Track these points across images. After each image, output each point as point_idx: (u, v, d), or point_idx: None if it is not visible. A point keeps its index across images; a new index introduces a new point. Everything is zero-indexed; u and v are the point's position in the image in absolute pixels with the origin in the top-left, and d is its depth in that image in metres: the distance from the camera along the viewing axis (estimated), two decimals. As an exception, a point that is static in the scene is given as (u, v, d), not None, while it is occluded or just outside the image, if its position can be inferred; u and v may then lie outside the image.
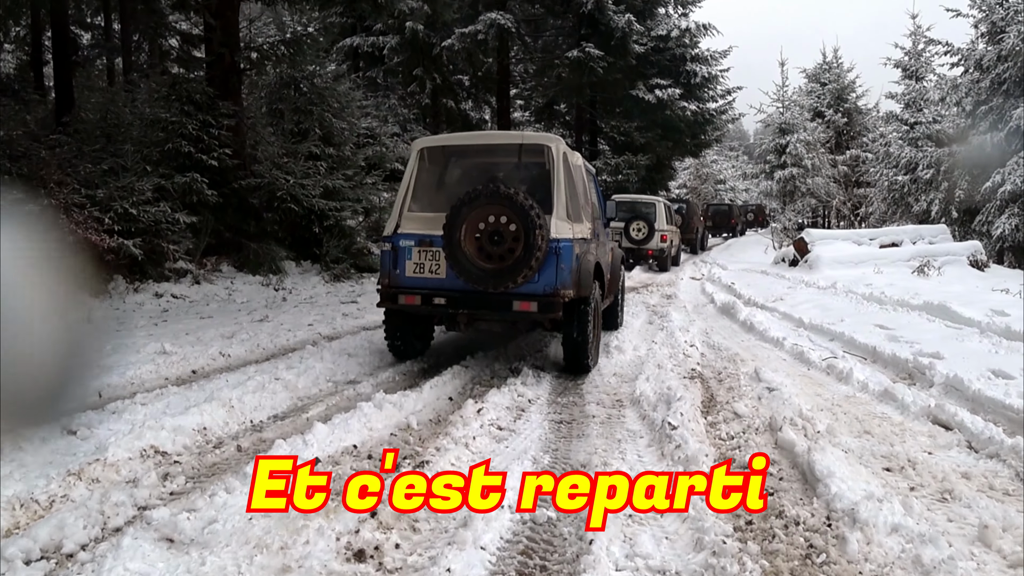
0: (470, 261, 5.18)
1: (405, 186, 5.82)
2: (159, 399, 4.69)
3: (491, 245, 5.17)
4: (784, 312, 9.29)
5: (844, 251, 15.36)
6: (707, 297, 11.64)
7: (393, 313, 5.97)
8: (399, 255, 5.58)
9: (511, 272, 5.10)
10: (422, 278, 5.53)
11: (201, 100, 11.33)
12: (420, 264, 5.52)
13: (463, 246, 5.18)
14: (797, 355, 6.42)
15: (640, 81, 22.52)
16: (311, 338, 7.08)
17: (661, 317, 8.94)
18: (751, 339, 7.60)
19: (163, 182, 10.28)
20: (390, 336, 6.15)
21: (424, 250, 5.50)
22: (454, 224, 5.17)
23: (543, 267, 5.19)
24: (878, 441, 3.96)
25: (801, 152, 27.90)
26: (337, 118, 14.75)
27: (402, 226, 5.64)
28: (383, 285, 5.68)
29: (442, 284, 5.46)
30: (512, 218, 5.10)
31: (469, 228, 5.19)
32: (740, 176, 46.66)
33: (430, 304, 5.49)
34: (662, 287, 13.13)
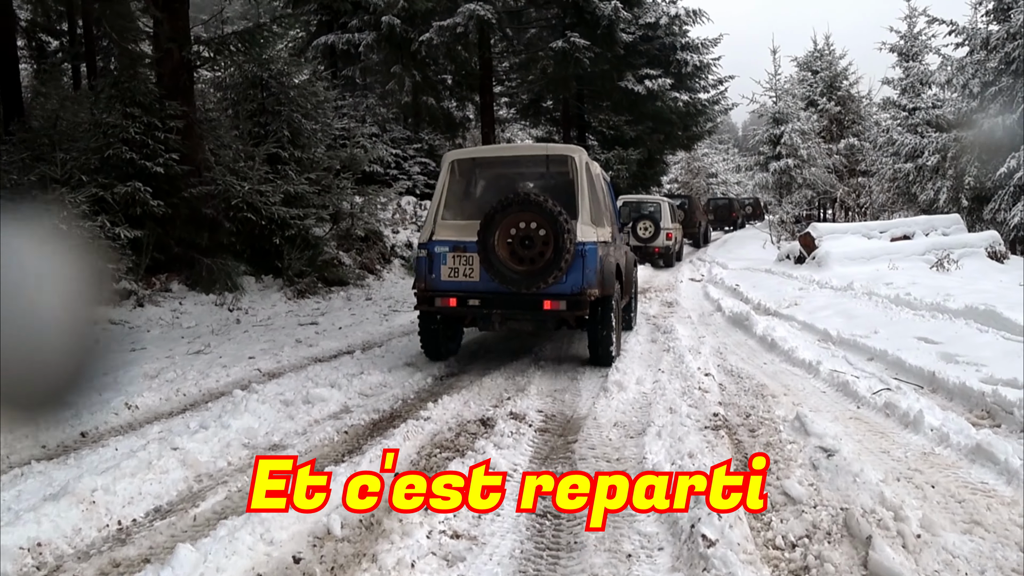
0: (503, 264, 5.44)
1: (438, 196, 6.08)
2: (12, 485, 3.44)
3: (522, 249, 5.45)
4: (804, 322, 8.05)
5: (854, 246, 14.14)
6: (712, 304, 10.40)
7: (427, 316, 6.19)
8: (434, 260, 5.85)
9: (542, 274, 5.38)
10: (457, 281, 5.79)
11: (146, 101, 10.04)
12: (454, 268, 5.79)
13: (496, 250, 5.44)
14: (839, 386, 5.17)
15: (629, 72, 21.29)
16: (246, 377, 5.79)
17: (665, 333, 7.68)
18: (775, 361, 6.35)
19: (101, 192, 9.01)
20: (424, 338, 6.35)
21: (458, 255, 5.78)
22: (488, 230, 5.43)
23: (570, 269, 5.46)
24: (999, 541, 2.72)
25: (796, 142, 26.71)
26: (308, 119, 13.47)
27: (436, 233, 5.90)
28: (419, 289, 5.96)
29: (476, 286, 5.72)
30: (542, 223, 5.38)
31: (502, 233, 5.44)
32: (732, 169, 45.45)
33: (465, 305, 5.76)
34: (661, 292, 11.88)
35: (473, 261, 5.70)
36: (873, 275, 11.68)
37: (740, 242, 23.77)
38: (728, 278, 13.36)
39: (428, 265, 5.89)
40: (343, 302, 10.75)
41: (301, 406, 4.83)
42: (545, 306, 5.57)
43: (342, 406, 4.98)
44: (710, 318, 9.15)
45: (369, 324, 8.58)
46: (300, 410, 4.77)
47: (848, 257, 13.64)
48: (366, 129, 20.61)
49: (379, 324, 8.52)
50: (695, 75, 22.42)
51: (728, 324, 8.55)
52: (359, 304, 10.61)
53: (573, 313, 5.63)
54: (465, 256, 5.75)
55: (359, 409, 4.90)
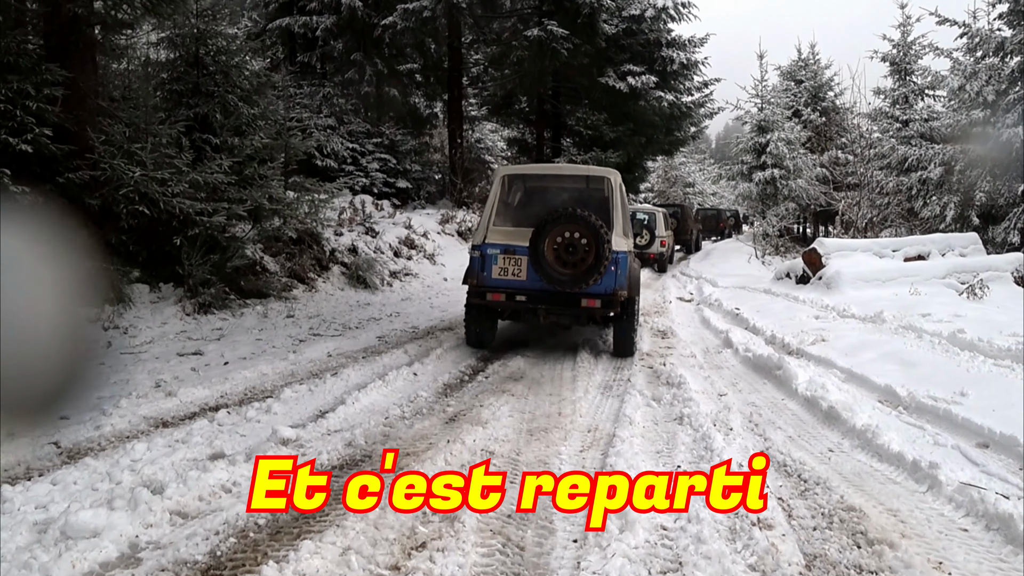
0: (551, 266, 6.13)
1: (490, 205, 6.70)
2: None
3: (567, 255, 6.14)
4: (847, 369, 5.94)
5: (867, 266, 12.12)
6: (716, 335, 8.26)
7: (474, 309, 6.72)
8: (486, 261, 6.49)
9: (584, 276, 6.09)
10: (506, 280, 6.43)
11: (20, 62, 7.72)
12: (504, 268, 6.43)
13: (545, 255, 6.14)
14: (987, 518, 3.00)
15: (610, 68, 19.16)
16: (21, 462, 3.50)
17: (671, 386, 5.46)
18: (845, 447, 4.16)
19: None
20: (469, 329, 6.86)
21: (508, 257, 6.43)
22: (540, 237, 6.13)
23: (607, 273, 6.19)
24: None
25: (783, 152, 24.80)
26: (247, 103, 11.12)
27: (488, 238, 6.53)
28: (471, 285, 6.55)
29: (523, 284, 6.37)
30: (584, 234, 6.09)
31: (551, 241, 6.14)
32: (710, 180, 43.65)
33: (513, 300, 6.41)
34: (650, 316, 9.68)
35: (521, 263, 6.35)
36: (897, 302, 9.65)
37: (723, 255, 21.77)
38: (724, 299, 11.25)
39: (480, 264, 6.49)
40: (256, 320, 8.42)
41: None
42: (583, 304, 6.22)
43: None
44: (719, 357, 6.98)
45: (269, 357, 6.27)
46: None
47: (861, 278, 11.60)
48: (322, 120, 18.33)
49: (283, 357, 6.23)
50: (681, 74, 20.38)
51: (747, 369, 6.38)
52: (274, 324, 8.29)
53: (606, 311, 6.25)
54: (514, 258, 6.39)
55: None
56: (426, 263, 13.40)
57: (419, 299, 10.88)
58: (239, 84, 11.23)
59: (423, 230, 14.46)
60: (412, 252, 13.38)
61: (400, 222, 14.51)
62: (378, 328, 8.03)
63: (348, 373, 5.58)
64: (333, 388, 5.20)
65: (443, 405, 4.85)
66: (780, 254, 23.91)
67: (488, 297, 6.45)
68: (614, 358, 6.64)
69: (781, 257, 23.60)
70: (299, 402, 4.84)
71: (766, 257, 22.31)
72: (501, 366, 6.13)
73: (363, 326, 8.24)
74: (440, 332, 7.72)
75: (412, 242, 13.60)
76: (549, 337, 7.75)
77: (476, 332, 6.89)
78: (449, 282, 12.79)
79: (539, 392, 5.26)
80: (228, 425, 4.32)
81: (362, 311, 9.40)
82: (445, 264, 13.78)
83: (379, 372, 5.73)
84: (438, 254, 13.94)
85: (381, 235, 13.07)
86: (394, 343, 7.16)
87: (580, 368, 6.05)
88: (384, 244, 12.91)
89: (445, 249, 14.43)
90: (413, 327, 8.21)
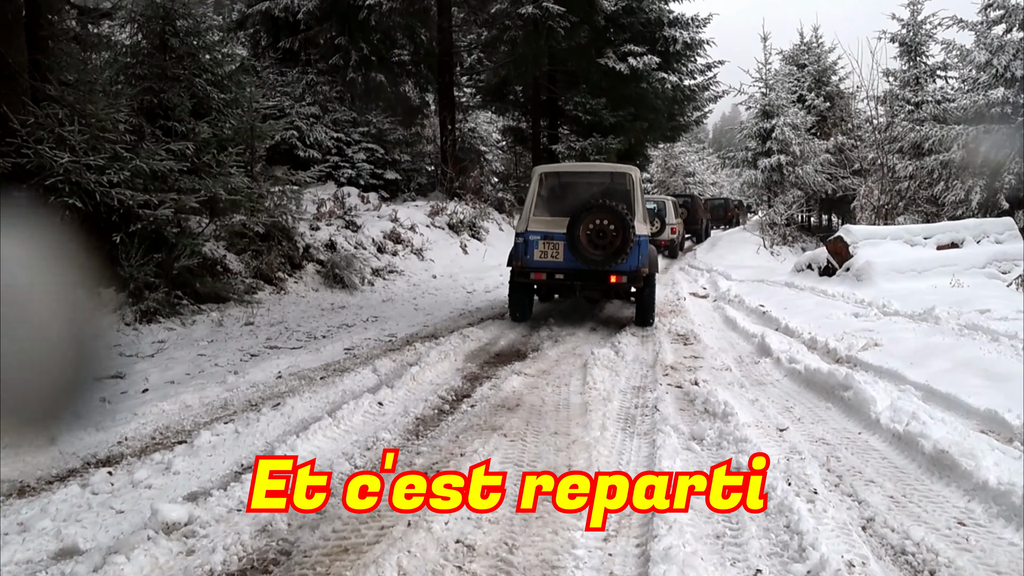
0: (585, 249, 6.95)
1: (530, 199, 7.52)
2: None
3: (598, 239, 6.96)
4: (923, 385, 4.64)
5: (898, 255, 10.82)
6: (746, 338, 6.97)
7: (516, 287, 7.57)
8: (528, 245, 7.31)
9: (613, 256, 6.91)
10: (545, 261, 7.27)
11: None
12: (544, 252, 7.27)
13: (580, 239, 6.95)
14: None
15: (609, 48, 17.82)
16: None
17: (710, 415, 4.14)
18: (978, 515, 2.86)
19: None
20: (512, 304, 7.72)
21: (547, 242, 7.26)
22: (575, 224, 6.96)
23: (631, 254, 6.95)
24: None
25: (789, 137, 23.45)
26: (217, 87, 9.80)
27: (530, 226, 7.36)
28: (516, 267, 7.36)
29: (560, 265, 7.21)
30: (612, 221, 6.92)
31: (584, 227, 6.96)
32: (709, 169, 42.38)
33: (552, 279, 7.26)
34: (665, 316, 8.37)
35: (559, 247, 7.20)
36: (942, 296, 8.38)
37: (730, 246, 20.43)
38: (744, 295, 9.95)
39: (524, 249, 7.32)
40: (208, 329, 7.10)
41: None
42: (611, 280, 7.09)
43: None
44: (758, 369, 5.67)
45: (203, 380, 4.96)
46: None
47: (895, 269, 10.32)
48: (304, 108, 16.99)
49: (221, 381, 4.93)
50: (684, 55, 19.02)
51: (798, 385, 5.07)
52: (228, 333, 6.97)
53: (630, 285, 7.20)
54: (552, 243, 7.23)
55: None
56: (413, 259, 12.10)
57: (402, 300, 9.56)
58: (209, 68, 9.93)
59: (410, 223, 13.14)
60: (398, 247, 12.07)
61: (386, 215, 13.19)
62: (348, 337, 6.72)
63: (293, 405, 4.27)
64: (268, 428, 3.89)
65: (409, 455, 3.54)
66: (788, 244, 22.63)
67: (531, 276, 7.32)
68: (632, 374, 5.34)
69: (789, 247, 22.32)
70: (215, 452, 3.53)
71: (774, 247, 21.00)
72: (492, 389, 4.82)
73: (331, 335, 6.93)
74: (421, 342, 6.41)
75: (398, 236, 12.29)
76: (551, 345, 6.44)
77: (518, 308, 7.71)
78: (438, 280, 11.49)
79: (540, 429, 3.96)
80: (104, 494, 3.03)
81: (334, 316, 8.09)
82: (434, 260, 12.47)
83: (334, 402, 4.43)
84: (427, 249, 12.63)
85: (363, 229, 11.76)
86: (364, 357, 5.86)
87: (592, 389, 4.75)
88: (366, 239, 11.59)
89: (435, 243, 13.12)
90: (390, 335, 6.90)
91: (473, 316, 8.25)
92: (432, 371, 5.24)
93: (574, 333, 7.10)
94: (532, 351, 6.24)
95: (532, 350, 6.29)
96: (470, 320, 7.93)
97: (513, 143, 23.47)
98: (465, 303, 9.35)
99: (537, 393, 4.73)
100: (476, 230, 15.08)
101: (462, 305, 9.16)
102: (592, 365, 5.38)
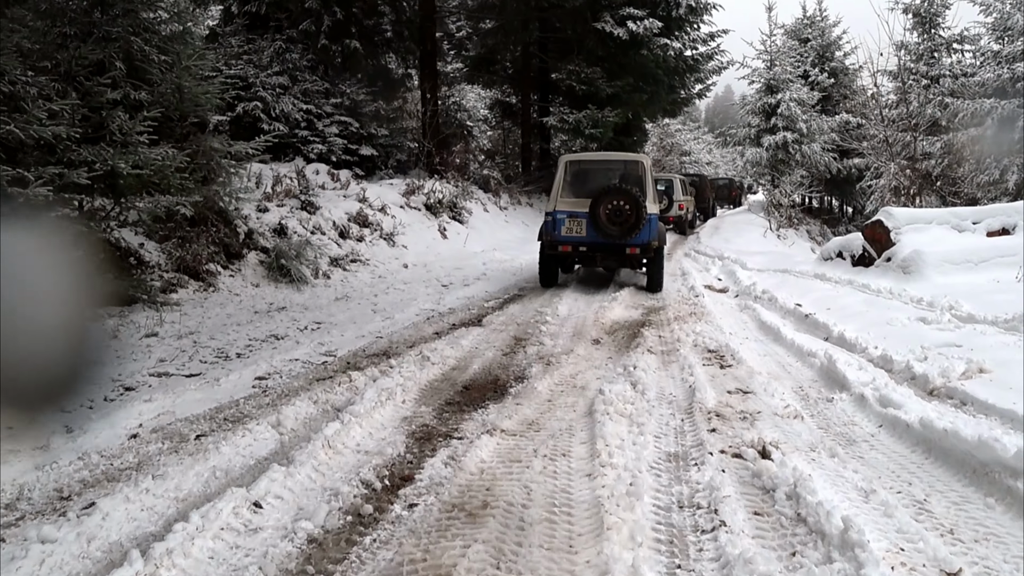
0: (605, 225, 7.95)
1: (558, 183, 8.50)
2: None
3: (616, 217, 7.95)
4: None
5: (949, 243, 9.07)
6: (797, 355, 5.18)
7: (547, 257, 8.60)
8: (557, 223, 8.27)
9: (628, 232, 7.94)
10: (571, 236, 8.25)
11: None
12: (570, 228, 8.24)
13: (600, 216, 7.93)
14: None
15: (606, 12, 15.89)
16: None
17: (811, 532, 2.38)
18: None
19: None
20: (543, 273, 8.73)
21: (572, 219, 8.21)
22: (596, 204, 7.97)
23: (643, 229, 7.96)
24: None
25: (795, 112, 21.62)
26: (160, 50, 7.90)
27: (558, 206, 8.32)
28: (546, 241, 8.41)
29: (583, 239, 8.20)
30: (628, 202, 7.93)
31: (603, 207, 7.95)
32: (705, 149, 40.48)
33: (577, 251, 8.31)
34: (685, 321, 6.56)
35: (582, 223, 8.15)
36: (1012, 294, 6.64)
37: (735, 229, 18.63)
38: (771, 289, 8.19)
39: (552, 226, 8.31)
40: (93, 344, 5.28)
41: None
42: (628, 251, 8.10)
43: None
44: (836, 412, 3.89)
45: (18, 444, 3.18)
46: None
47: (947, 260, 8.57)
48: (272, 79, 15.09)
49: (40, 444, 3.15)
50: (688, 20, 17.12)
51: (912, 450, 3.30)
52: (117, 351, 5.15)
53: (643, 256, 8.24)
54: (577, 220, 8.19)
55: None
56: (382, 245, 10.27)
57: (360, 297, 7.75)
58: (150, 27, 8.01)
59: (381, 203, 11.30)
60: (364, 231, 10.25)
61: (353, 194, 11.34)
62: (270, 358, 4.91)
63: (110, 512, 2.49)
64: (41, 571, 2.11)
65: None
66: (793, 226, 20.90)
67: (559, 249, 8.29)
68: (662, 427, 3.55)
69: (795, 230, 20.62)
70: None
71: (781, 230, 19.26)
72: (450, 465, 3.03)
73: (250, 352, 5.13)
74: (365, 367, 4.61)
75: (365, 219, 10.46)
76: (541, 371, 4.65)
77: (547, 275, 8.71)
78: (410, 270, 9.69)
79: (521, 571, 2.19)
80: None
81: (267, 322, 6.27)
82: (407, 246, 10.65)
83: (184, 500, 2.65)
84: (399, 233, 10.81)
85: (323, 211, 9.90)
86: (275, 396, 4.05)
87: (606, 466, 2.96)
88: (326, 222, 9.75)
89: (408, 227, 11.29)
90: (327, 354, 5.11)
91: (443, 321, 6.45)
92: (363, 426, 3.45)
93: (572, 350, 5.28)
94: (515, 380, 4.46)
95: (515, 379, 4.50)
96: (438, 327, 6.14)
97: (501, 117, 21.54)
98: (437, 301, 7.55)
99: (519, 476, 2.94)
100: (457, 211, 13.26)
101: (432, 304, 7.36)
102: (602, 413, 3.60)
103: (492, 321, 6.34)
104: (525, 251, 12.85)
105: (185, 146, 7.87)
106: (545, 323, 6.22)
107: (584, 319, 6.65)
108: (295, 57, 16.86)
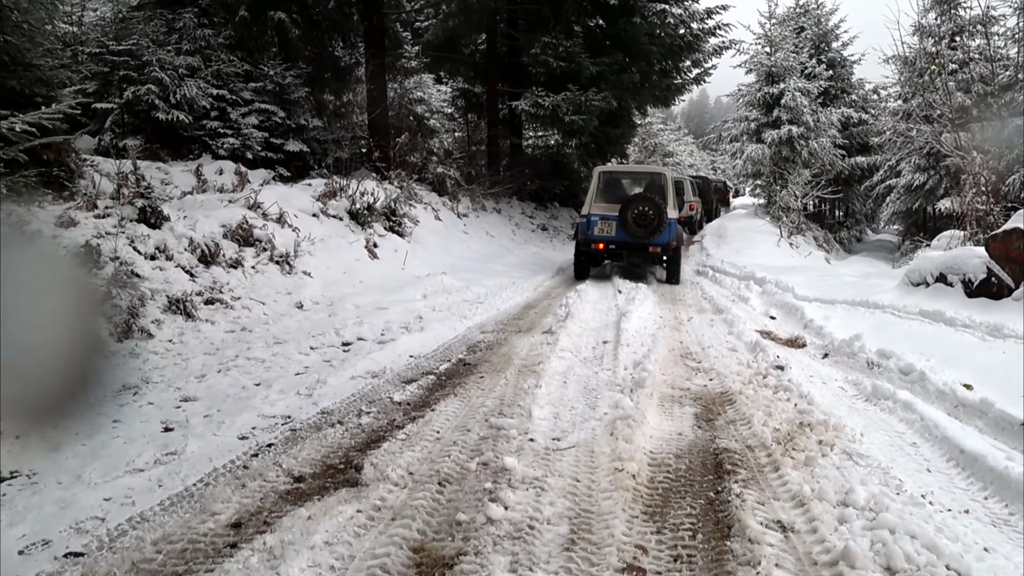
0: (631, 227, 8.84)
1: (592, 189, 9.48)
2: None
3: (641, 220, 8.84)
4: None
5: None
6: None
7: (581, 252, 9.47)
8: (591, 224, 9.19)
9: (652, 233, 8.84)
10: (602, 235, 9.14)
11: None
12: (602, 229, 9.13)
13: (628, 220, 8.83)
14: None
15: (589, -28, 12.50)
16: None
17: None
18: None
19: None
20: (577, 267, 9.63)
21: (604, 222, 9.11)
22: (625, 209, 8.90)
23: (664, 231, 8.84)
24: None
25: (800, 104, 18.39)
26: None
27: (592, 210, 9.25)
28: (579, 240, 9.42)
29: (613, 238, 9.10)
30: (652, 208, 8.84)
31: (631, 212, 8.86)
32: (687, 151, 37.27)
33: (607, 248, 9.21)
34: (795, 464, 3.07)
35: (612, 225, 9.03)
36: None
37: (744, 237, 15.18)
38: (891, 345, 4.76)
39: (587, 227, 9.24)
40: None
41: None
42: (650, 250, 9.04)
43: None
44: None
45: None
46: None
47: None
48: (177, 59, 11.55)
49: None
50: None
51: None
52: None
53: (664, 255, 9.20)
54: (608, 222, 9.07)
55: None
56: (271, 272, 6.67)
57: (167, 384, 4.12)
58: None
59: (279, 211, 7.70)
60: (244, 252, 6.66)
61: (240, 199, 7.75)
62: None
63: None
64: None
65: None
66: (801, 233, 17.63)
67: (592, 247, 9.26)
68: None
69: (803, 237, 17.37)
70: None
71: (793, 239, 15.96)
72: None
73: None
74: None
75: (248, 234, 6.87)
76: None
77: (581, 269, 9.62)
78: (305, 312, 6.12)
79: None
80: None
81: None
82: (311, 272, 7.07)
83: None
84: (302, 254, 7.21)
85: (173, 224, 6.29)
86: None
87: None
88: (177, 241, 6.14)
89: (320, 243, 7.71)
90: None
91: (274, 470, 2.89)
92: None
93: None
94: None
95: None
96: (248, 497, 2.59)
97: (466, 109, 17.99)
98: (308, 390, 3.98)
99: None
100: (397, 220, 9.70)
101: (294, 400, 3.79)
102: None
103: (387, 468, 2.81)
104: (490, 274, 9.33)
105: None
106: (508, 484, 2.70)
107: (592, 441, 3.13)
108: (208, 33, 13.15)
